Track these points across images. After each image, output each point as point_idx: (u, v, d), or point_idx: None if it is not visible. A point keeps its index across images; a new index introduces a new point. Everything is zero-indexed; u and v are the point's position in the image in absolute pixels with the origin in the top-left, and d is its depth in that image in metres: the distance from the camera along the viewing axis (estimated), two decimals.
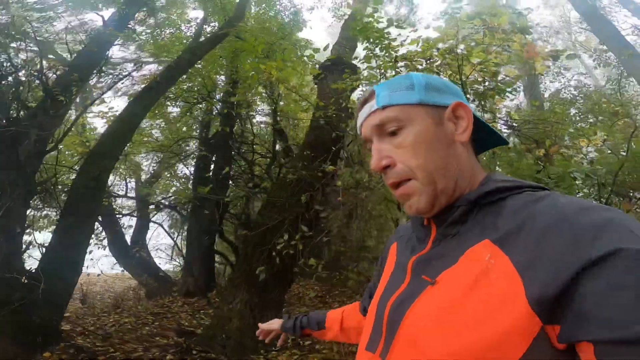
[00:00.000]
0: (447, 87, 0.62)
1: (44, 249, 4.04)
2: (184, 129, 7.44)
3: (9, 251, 3.66)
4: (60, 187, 4.88)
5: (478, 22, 3.44)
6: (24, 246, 3.97)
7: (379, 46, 4.04)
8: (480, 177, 0.59)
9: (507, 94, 5.01)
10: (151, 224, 8.09)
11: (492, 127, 0.63)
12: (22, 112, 3.82)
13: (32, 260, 4.15)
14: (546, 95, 7.04)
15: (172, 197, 7.28)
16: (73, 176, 4.90)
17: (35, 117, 3.82)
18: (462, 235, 0.54)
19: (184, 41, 6.29)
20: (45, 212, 5.38)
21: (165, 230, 7.20)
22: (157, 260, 8.14)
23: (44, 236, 5.14)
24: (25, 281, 3.74)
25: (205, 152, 7.22)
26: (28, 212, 4.11)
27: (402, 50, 4.05)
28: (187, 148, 8.06)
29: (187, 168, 8.21)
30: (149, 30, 6.14)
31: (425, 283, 0.54)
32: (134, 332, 4.70)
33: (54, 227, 4.39)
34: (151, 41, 5.93)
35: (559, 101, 5.36)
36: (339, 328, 0.97)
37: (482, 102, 3.84)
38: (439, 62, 3.86)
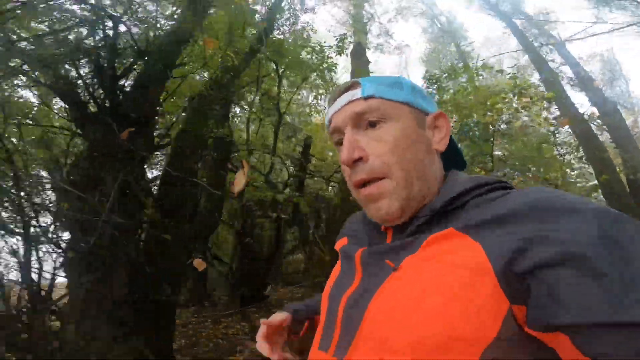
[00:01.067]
0: (429, 96, 0.62)
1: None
2: None
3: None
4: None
5: (511, 87, 4.71)
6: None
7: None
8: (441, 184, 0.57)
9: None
10: None
11: (459, 149, 0.65)
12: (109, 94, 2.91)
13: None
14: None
15: None
16: None
17: (133, 100, 2.99)
18: (421, 233, 0.52)
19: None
20: None
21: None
22: None
23: None
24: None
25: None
26: None
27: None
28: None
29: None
30: None
31: (386, 271, 0.51)
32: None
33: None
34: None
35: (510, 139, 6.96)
36: None
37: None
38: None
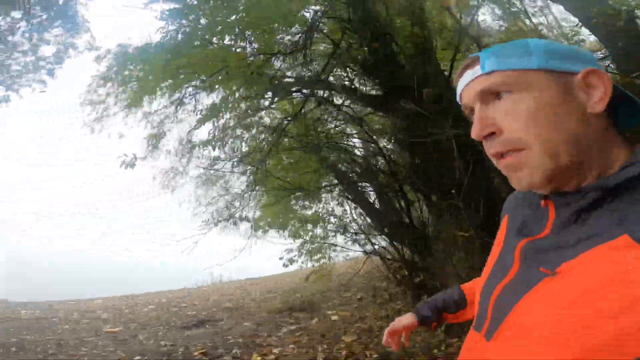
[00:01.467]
0: (574, 53, 0.50)
1: None
2: None
3: None
4: None
5: None
6: None
7: None
8: (620, 157, 0.48)
9: None
10: None
11: (635, 98, 0.50)
12: None
13: None
14: None
15: None
16: None
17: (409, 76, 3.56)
18: (590, 224, 0.45)
19: None
20: None
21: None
22: None
23: None
24: None
25: None
26: None
27: None
28: None
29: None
30: None
31: (541, 274, 0.47)
32: None
33: None
34: None
35: None
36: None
37: None
38: None
